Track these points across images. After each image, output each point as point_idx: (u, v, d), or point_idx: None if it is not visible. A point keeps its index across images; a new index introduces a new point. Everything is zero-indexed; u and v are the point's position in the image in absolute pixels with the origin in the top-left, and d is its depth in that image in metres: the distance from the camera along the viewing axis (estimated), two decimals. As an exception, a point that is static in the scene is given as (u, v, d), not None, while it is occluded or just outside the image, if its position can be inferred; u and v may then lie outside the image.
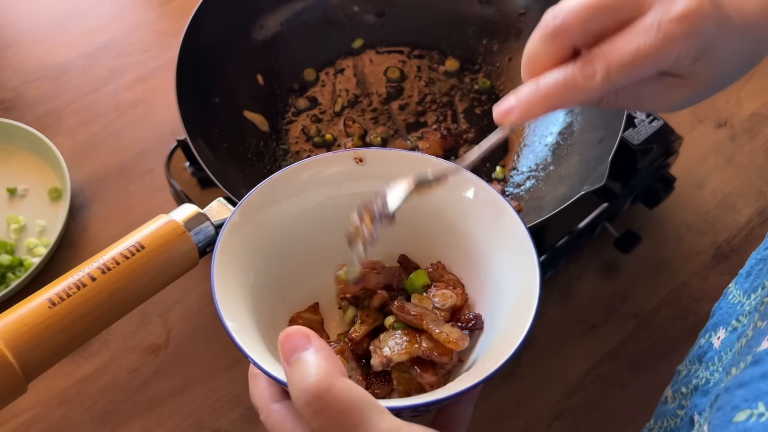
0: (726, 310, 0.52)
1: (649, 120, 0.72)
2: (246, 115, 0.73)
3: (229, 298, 0.45)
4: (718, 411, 0.42)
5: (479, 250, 0.51)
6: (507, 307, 0.47)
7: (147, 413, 0.67)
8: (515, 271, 0.47)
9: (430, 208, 0.53)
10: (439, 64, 0.79)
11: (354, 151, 0.52)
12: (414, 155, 0.52)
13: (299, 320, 0.52)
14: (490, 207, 0.50)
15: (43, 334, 0.45)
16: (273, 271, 0.51)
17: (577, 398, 0.67)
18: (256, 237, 0.50)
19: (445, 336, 0.46)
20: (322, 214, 0.53)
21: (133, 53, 0.92)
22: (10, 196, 0.79)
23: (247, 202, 0.49)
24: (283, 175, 0.50)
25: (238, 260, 0.48)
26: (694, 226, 0.78)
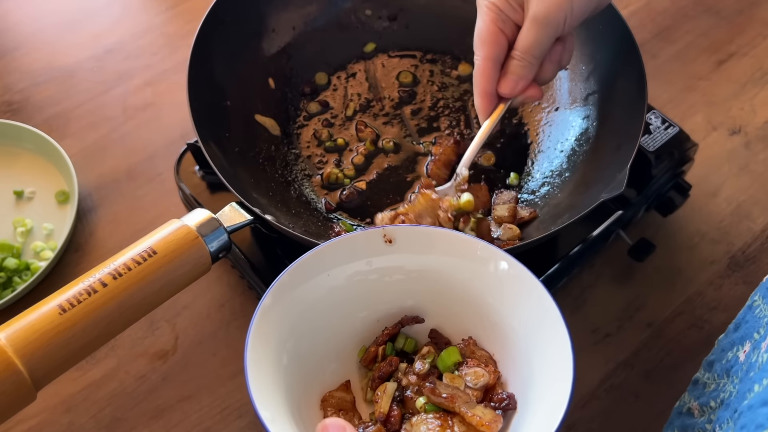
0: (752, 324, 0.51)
1: (664, 127, 0.71)
2: (257, 119, 0.72)
3: (263, 385, 0.45)
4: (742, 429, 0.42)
5: (510, 326, 0.51)
6: (540, 386, 0.47)
7: (154, 420, 0.66)
8: (547, 349, 0.47)
9: (460, 282, 0.53)
10: (451, 69, 0.78)
11: (383, 228, 0.52)
12: (442, 232, 0.53)
13: (331, 399, 0.52)
14: (520, 283, 0.50)
15: (52, 342, 0.44)
16: (304, 352, 0.51)
17: (591, 408, 0.66)
18: (288, 318, 0.50)
19: (478, 419, 0.46)
20: (351, 291, 0.53)
21: (141, 56, 0.92)
22: (17, 198, 0.79)
23: (278, 284, 0.49)
24: (313, 255, 0.51)
25: (270, 344, 0.47)
26: (708, 234, 0.77)
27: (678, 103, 0.87)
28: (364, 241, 0.52)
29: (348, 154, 0.72)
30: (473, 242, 0.51)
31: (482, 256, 0.51)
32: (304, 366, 0.51)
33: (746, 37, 0.93)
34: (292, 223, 0.64)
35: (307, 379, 0.51)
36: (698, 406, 0.54)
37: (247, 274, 0.66)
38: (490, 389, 0.51)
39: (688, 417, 0.55)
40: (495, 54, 0.59)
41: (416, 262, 0.53)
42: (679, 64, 0.91)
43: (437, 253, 0.52)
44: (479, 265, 0.51)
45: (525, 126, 0.74)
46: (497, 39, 0.58)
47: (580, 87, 0.72)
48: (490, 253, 0.51)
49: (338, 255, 0.52)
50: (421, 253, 0.52)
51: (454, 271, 0.53)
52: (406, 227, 0.53)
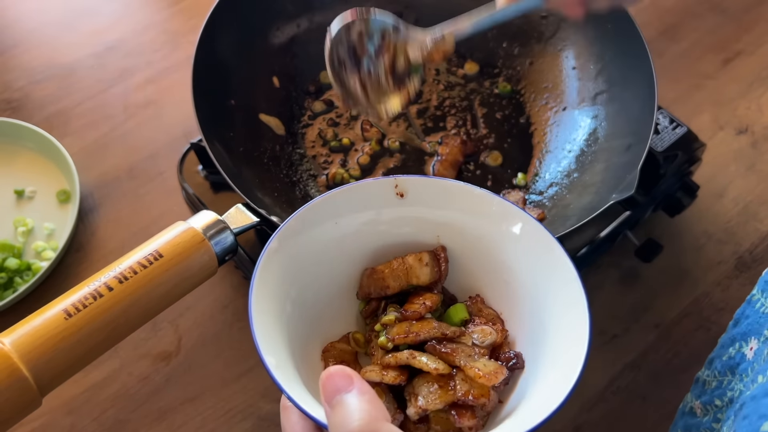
0: (755, 319, 0.51)
1: (672, 126, 0.70)
2: (262, 118, 0.72)
3: (267, 331, 0.44)
4: (744, 420, 0.41)
5: (522, 285, 0.50)
6: (551, 347, 0.46)
7: (158, 423, 0.65)
8: (561, 310, 0.46)
9: (472, 238, 0.51)
10: (458, 68, 0.77)
11: (395, 178, 0.50)
12: (457, 185, 0.51)
13: (333, 350, 0.51)
14: (536, 242, 0.48)
15: (58, 347, 0.43)
16: (307, 301, 0.49)
17: (598, 410, 0.66)
18: (293, 264, 0.48)
19: (476, 371, 0.45)
20: (358, 241, 0.52)
21: (142, 53, 0.91)
22: (17, 198, 0.78)
23: (285, 228, 0.47)
24: (322, 201, 0.49)
25: (275, 290, 0.46)
26: (715, 235, 0.77)
27: (684, 102, 0.86)
28: (376, 191, 0.50)
29: (353, 154, 0.72)
30: (489, 197, 0.50)
31: (498, 212, 0.49)
32: (307, 315, 0.49)
33: (753, 35, 0.92)
34: (298, 224, 0.64)
35: (310, 328, 0.49)
36: (701, 405, 0.53)
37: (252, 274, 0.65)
38: (497, 348, 0.49)
39: (691, 417, 0.54)
40: None
41: (428, 215, 0.51)
42: (685, 63, 0.90)
43: (450, 208, 0.51)
44: (494, 221, 0.50)
45: (532, 126, 0.73)
46: None
47: (588, 86, 0.72)
48: (507, 210, 0.49)
49: (348, 203, 0.50)
50: (434, 206, 0.51)
51: (466, 227, 0.51)
52: (419, 178, 0.51)
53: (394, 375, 0.46)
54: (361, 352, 0.51)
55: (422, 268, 0.50)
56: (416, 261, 0.50)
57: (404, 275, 0.50)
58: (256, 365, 0.68)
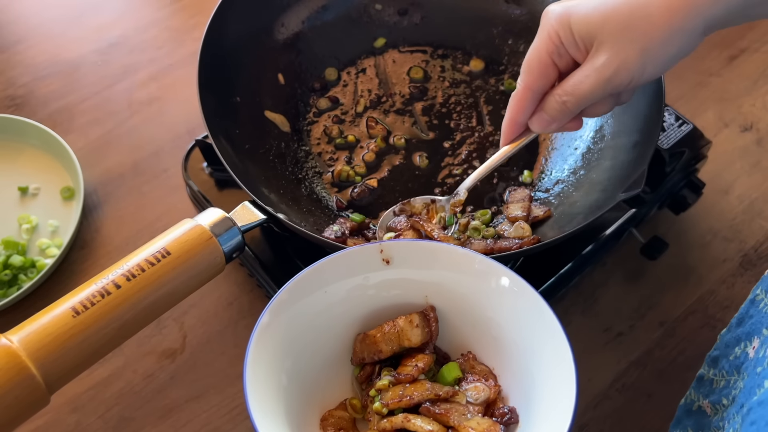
0: (758, 319, 0.51)
1: (678, 124, 0.70)
2: (267, 115, 0.71)
3: (264, 407, 0.45)
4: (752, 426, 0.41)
5: (510, 340, 0.51)
6: (542, 400, 0.47)
7: (162, 420, 0.65)
8: (549, 363, 0.48)
9: (459, 296, 0.53)
10: (463, 65, 0.77)
11: (380, 244, 0.52)
12: (440, 246, 0.53)
13: (330, 419, 0.52)
14: (521, 298, 0.50)
15: (66, 345, 0.43)
16: (302, 370, 0.51)
17: (603, 408, 0.66)
18: (286, 336, 0.50)
19: (469, 431, 0.46)
20: (349, 307, 0.53)
21: (146, 50, 0.91)
22: (21, 195, 0.77)
23: (275, 302, 0.49)
24: (309, 272, 0.51)
25: (269, 364, 0.48)
26: (720, 232, 0.76)
27: (689, 99, 0.86)
28: (362, 258, 0.52)
29: (359, 151, 0.71)
30: (471, 256, 0.52)
31: (481, 270, 0.51)
32: (303, 385, 0.51)
33: (758, 32, 0.92)
34: (303, 221, 0.64)
35: (306, 398, 0.51)
36: (710, 404, 0.53)
37: (256, 272, 0.65)
38: (491, 404, 0.51)
39: (701, 416, 0.54)
40: (538, 86, 0.53)
41: (414, 276, 0.53)
42: (690, 60, 0.88)
43: (435, 268, 0.53)
44: (478, 279, 0.52)
45: (538, 123, 0.73)
46: (546, 71, 0.53)
47: (594, 84, 0.71)
48: (489, 267, 0.51)
49: (336, 271, 0.52)
50: (419, 267, 0.53)
51: (452, 286, 0.53)
52: (404, 242, 0.53)
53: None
54: (358, 418, 0.53)
55: (413, 330, 0.52)
56: (407, 323, 0.52)
57: (396, 338, 0.52)
58: (261, 363, 0.68)
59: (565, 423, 0.43)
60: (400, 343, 0.52)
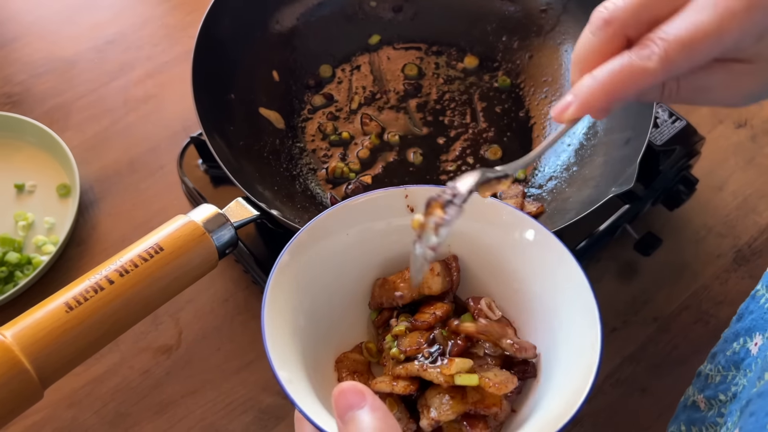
0: (760, 314, 0.51)
1: (671, 120, 0.70)
2: (261, 112, 0.72)
3: (280, 346, 0.44)
4: (751, 417, 0.41)
5: (533, 293, 0.50)
6: (563, 355, 0.46)
7: (158, 416, 0.66)
8: (573, 318, 0.46)
9: (483, 247, 0.51)
10: (457, 61, 0.77)
11: (405, 188, 0.50)
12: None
13: (346, 361, 0.51)
14: (547, 251, 0.48)
15: (59, 340, 0.43)
16: (320, 311, 0.49)
17: (597, 403, 0.66)
18: (305, 276, 0.48)
19: (486, 381, 0.45)
20: (369, 251, 0.52)
21: (142, 47, 0.91)
22: (17, 192, 0.78)
23: (296, 241, 0.47)
24: (332, 212, 0.49)
25: (287, 304, 0.46)
26: (714, 228, 0.77)
27: (684, 95, 0.86)
28: (386, 202, 0.50)
29: (353, 148, 0.72)
30: (499, 206, 0.50)
31: (508, 221, 0.50)
32: (320, 326, 0.49)
33: (752, 29, 0.92)
34: (298, 218, 0.64)
35: (323, 339, 0.49)
36: (704, 399, 0.53)
37: (252, 268, 0.66)
38: (509, 357, 0.49)
39: (694, 411, 0.54)
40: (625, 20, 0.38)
41: None
42: (685, 57, 0.90)
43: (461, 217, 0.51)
44: (504, 230, 0.50)
45: (532, 120, 0.73)
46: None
47: (587, 80, 0.71)
48: (517, 219, 0.49)
49: (359, 214, 0.50)
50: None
51: (477, 236, 0.51)
52: (429, 188, 0.51)
53: (404, 385, 0.46)
54: (374, 362, 0.51)
55: (434, 278, 0.50)
56: (428, 270, 0.50)
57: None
58: (256, 358, 0.68)
59: (587, 379, 0.41)
60: (420, 290, 0.50)
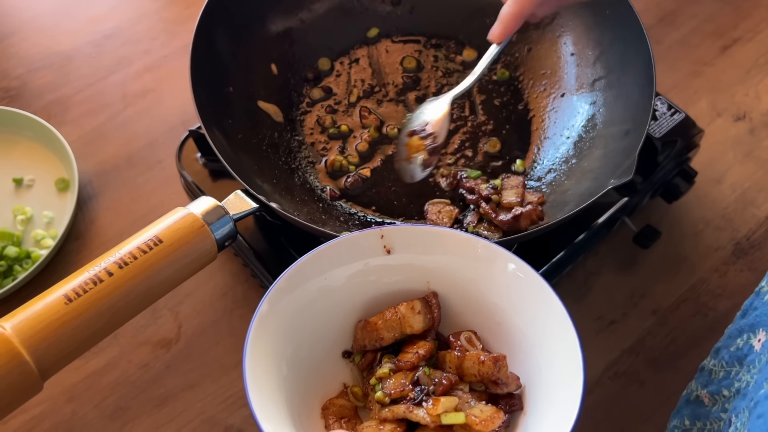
0: (764, 311, 0.51)
1: (670, 113, 0.70)
2: (260, 105, 0.72)
3: (263, 396, 0.44)
4: (759, 419, 0.41)
5: (515, 326, 0.50)
6: (548, 386, 0.47)
7: (158, 409, 0.66)
8: (554, 348, 0.47)
9: (462, 282, 0.52)
10: (456, 54, 0.77)
11: (381, 229, 0.51)
12: (442, 231, 0.51)
13: (332, 407, 0.51)
14: (526, 283, 0.49)
15: (59, 332, 0.43)
16: (303, 358, 0.50)
17: (596, 396, 0.66)
18: (285, 324, 0.49)
19: (473, 419, 0.45)
20: (349, 293, 0.52)
21: (140, 42, 0.91)
22: (16, 186, 0.78)
23: (275, 290, 0.48)
24: (310, 258, 0.50)
25: (269, 353, 0.47)
26: (713, 221, 0.77)
27: (682, 89, 0.86)
28: (362, 243, 0.51)
29: (352, 141, 0.72)
30: (474, 241, 0.51)
31: (484, 255, 0.50)
32: (304, 373, 0.50)
33: (751, 22, 0.92)
34: (297, 211, 0.64)
35: (307, 386, 0.50)
36: (708, 394, 0.53)
37: (251, 262, 0.65)
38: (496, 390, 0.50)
39: (698, 405, 0.54)
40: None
41: (416, 262, 0.52)
42: (684, 50, 0.90)
43: (437, 253, 0.52)
44: (482, 264, 0.51)
45: (531, 112, 0.73)
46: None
47: (586, 72, 0.72)
48: (493, 252, 0.50)
49: (335, 257, 0.51)
50: (422, 253, 0.51)
51: (455, 271, 0.52)
52: (405, 227, 0.52)
53: (392, 428, 0.47)
54: (360, 406, 0.52)
55: (415, 317, 0.51)
56: (408, 310, 0.51)
57: (398, 325, 0.51)
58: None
59: (572, 410, 0.42)
60: (402, 330, 0.51)
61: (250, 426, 0.65)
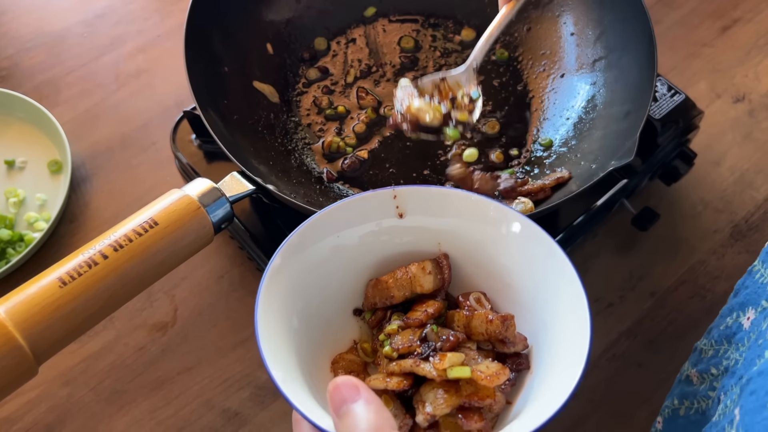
0: (754, 290, 0.51)
1: (670, 94, 0.70)
2: (255, 85, 0.71)
3: (274, 346, 0.44)
4: (752, 395, 0.41)
5: (523, 287, 0.50)
6: (555, 346, 0.47)
7: (154, 392, 0.65)
8: (563, 309, 0.47)
9: (472, 243, 0.52)
10: (454, 34, 0.76)
11: (393, 189, 0.51)
12: (455, 192, 0.51)
13: (341, 362, 0.51)
14: (535, 244, 0.49)
15: (53, 315, 0.43)
16: (314, 313, 0.50)
17: (594, 377, 0.66)
18: (297, 279, 0.49)
19: (479, 374, 0.45)
20: (361, 253, 0.52)
21: (133, 21, 0.89)
22: (8, 168, 0.77)
23: (287, 245, 0.48)
24: (322, 216, 0.50)
25: (280, 306, 0.47)
26: (711, 203, 0.76)
27: (682, 70, 0.86)
28: (375, 204, 0.51)
29: (349, 122, 0.71)
30: (485, 202, 0.50)
31: (495, 217, 0.50)
32: (314, 328, 0.50)
33: (751, 2, 0.91)
34: (294, 193, 0.63)
35: (317, 341, 0.50)
36: (697, 373, 0.53)
37: (247, 244, 0.65)
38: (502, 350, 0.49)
39: (687, 385, 0.55)
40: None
41: (428, 223, 0.52)
42: (683, 30, 0.89)
43: (449, 215, 0.51)
44: (492, 226, 0.51)
45: (530, 93, 0.72)
46: None
47: (587, 52, 0.71)
48: (504, 214, 0.50)
49: (348, 217, 0.51)
50: (433, 215, 0.51)
51: (466, 233, 0.52)
52: (417, 188, 0.51)
53: (398, 381, 0.46)
54: (369, 362, 0.52)
55: (425, 277, 0.51)
56: (419, 270, 0.51)
57: (408, 284, 0.51)
58: (252, 335, 0.67)
59: (577, 369, 0.42)
60: (412, 290, 0.51)
61: (247, 409, 0.64)
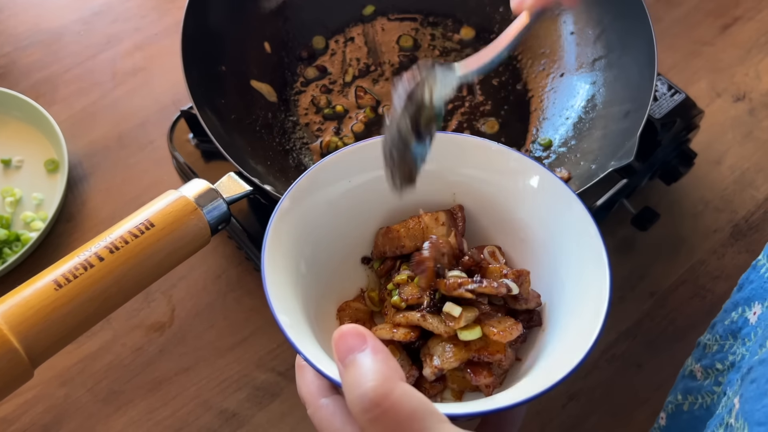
0: (760, 284, 0.50)
1: (670, 93, 0.69)
2: (253, 84, 0.70)
3: (281, 290, 0.43)
4: (752, 384, 0.41)
5: (540, 242, 0.48)
6: (570, 304, 0.45)
7: (152, 393, 0.65)
8: (580, 266, 0.45)
9: (489, 195, 0.50)
10: (453, 33, 0.76)
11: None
12: (474, 140, 0.49)
13: (348, 309, 0.50)
14: (555, 198, 0.47)
15: (49, 318, 0.42)
16: (322, 259, 0.48)
17: (593, 378, 0.66)
18: (306, 223, 0.47)
19: (490, 329, 0.44)
20: (373, 199, 0.50)
21: (130, 19, 0.89)
22: (4, 167, 0.76)
23: (296, 187, 0.46)
24: (334, 159, 0.48)
25: (288, 249, 0.45)
26: (712, 202, 0.76)
27: (682, 68, 0.85)
28: None
29: (347, 122, 0.70)
30: (506, 152, 0.48)
31: (515, 168, 0.48)
32: (322, 274, 0.48)
33: (751, 0, 0.91)
34: (291, 193, 0.63)
35: (324, 287, 0.48)
36: (701, 368, 0.53)
37: (245, 244, 0.65)
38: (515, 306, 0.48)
39: (691, 380, 0.54)
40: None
41: (443, 172, 0.50)
42: (683, 29, 0.89)
43: (467, 165, 0.49)
44: (511, 178, 0.49)
45: (529, 92, 0.72)
46: None
47: (586, 52, 0.70)
48: (525, 165, 0.48)
49: (361, 161, 0.49)
50: (450, 163, 0.49)
51: (483, 184, 0.50)
52: (436, 135, 0.48)
53: (404, 332, 0.45)
54: (376, 311, 0.50)
55: (438, 228, 0.49)
56: (432, 220, 0.49)
57: (420, 235, 0.49)
58: (250, 335, 0.68)
59: (595, 326, 0.40)
60: (424, 240, 0.49)
61: (245, 410, 0.64)
